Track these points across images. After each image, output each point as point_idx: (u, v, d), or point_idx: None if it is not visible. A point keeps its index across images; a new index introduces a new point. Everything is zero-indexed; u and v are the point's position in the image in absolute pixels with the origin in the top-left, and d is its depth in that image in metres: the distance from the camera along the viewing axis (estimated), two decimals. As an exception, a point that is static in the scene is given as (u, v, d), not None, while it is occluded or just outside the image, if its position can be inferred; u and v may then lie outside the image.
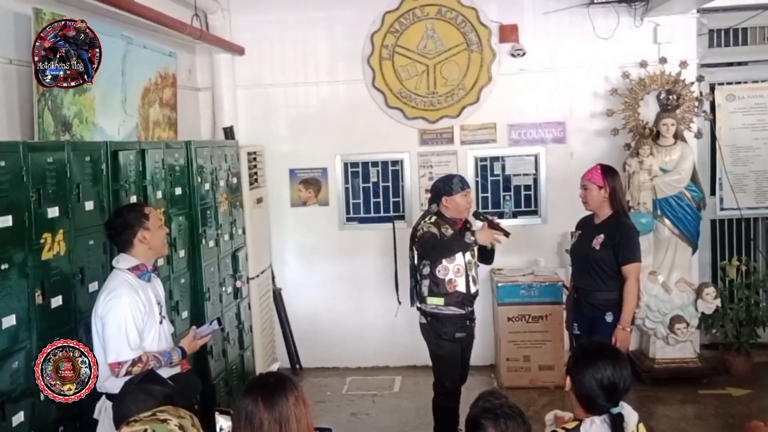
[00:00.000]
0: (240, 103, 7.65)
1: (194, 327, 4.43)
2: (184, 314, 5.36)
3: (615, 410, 2.85)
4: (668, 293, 6.92)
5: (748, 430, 3.78)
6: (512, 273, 7.31)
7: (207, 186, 5.92)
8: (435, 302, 5.26)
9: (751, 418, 4.07)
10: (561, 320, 6.69)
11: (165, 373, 3.88)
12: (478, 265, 5.46)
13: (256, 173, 7.21)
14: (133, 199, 4.62)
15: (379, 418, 6.55)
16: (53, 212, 3.80)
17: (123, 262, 3.96)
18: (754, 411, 6.05)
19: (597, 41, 7.31)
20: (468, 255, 5.27)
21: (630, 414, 2.89)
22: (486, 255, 5.48)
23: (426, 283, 5.29)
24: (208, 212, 5.92)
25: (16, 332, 3.47)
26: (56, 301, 3.80)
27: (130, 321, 3.79)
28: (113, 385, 3.69)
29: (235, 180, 6.65)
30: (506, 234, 5.31)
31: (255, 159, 7.22)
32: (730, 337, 7.09)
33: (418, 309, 5.41)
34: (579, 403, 2.96)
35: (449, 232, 5.24)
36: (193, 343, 4.25)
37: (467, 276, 5.26)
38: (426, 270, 5.28)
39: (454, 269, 5.22)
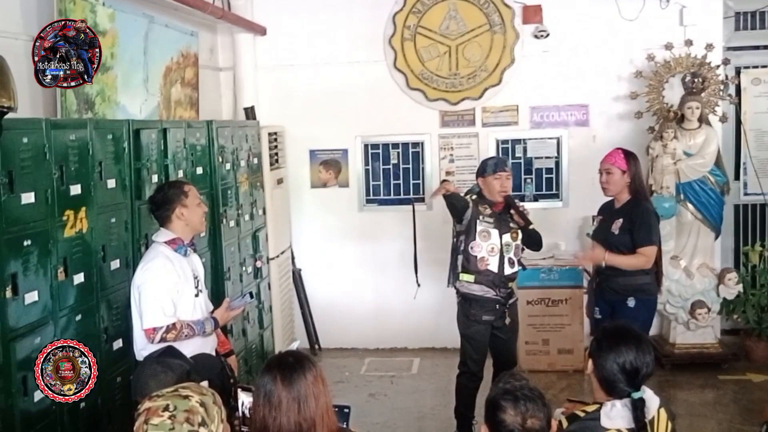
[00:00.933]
0: (261, 83, 7.63)
1: (228, 298, 4.52)
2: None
3: (636, 395, 2.83)
4: (690, 278, 6.87)
5: (767, 416, 3.76)
6: (532, 256, 7.26)
7: (228, 166, 5.92)
8: (466, 279, 5.28)
9: (771, 405, 4.05)
10: (581, 304, 6.67)
11: (199, 342, 4.02)
12: (522, 249, 5.42)
13: (276, 154, 7.21)
14: (155, 178, 4.64)
15: (397, 399, 6.57)
16: (75, 189, 3.82)
17: (161, 235, 4.11)
18: (775, 398, 6.02)
19: (622, 23, 7.19)
20: (507, 237, 5.25)
21: (651, 398, 2.88)
22: (532, 241, 5.40)
23: (460, 258, 5.31)
24: (229, 192, 5.93)
25: (38, 308, 3.50)
26: (78, 278, 3.83)
27: (164, 289, 3.94)
28: None
29: (255, 160, 6.66)
30: (528, 223, 5.27)
31: (276, 139, 7.22)
32: (752, 322, 7.05)
33: (455, 288, 5.42)
34: (600, 386, 2.94)
35: (488, 212, 5.24)
36: (226, 314, 4.36)
37: (502, 257, 5.24)
38: (462, 246, 5.30)
39: (487, 248, 5.21)
